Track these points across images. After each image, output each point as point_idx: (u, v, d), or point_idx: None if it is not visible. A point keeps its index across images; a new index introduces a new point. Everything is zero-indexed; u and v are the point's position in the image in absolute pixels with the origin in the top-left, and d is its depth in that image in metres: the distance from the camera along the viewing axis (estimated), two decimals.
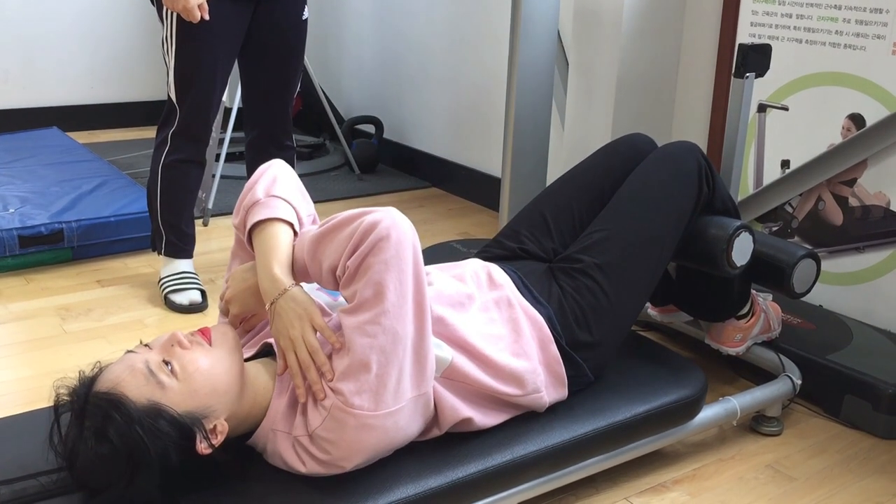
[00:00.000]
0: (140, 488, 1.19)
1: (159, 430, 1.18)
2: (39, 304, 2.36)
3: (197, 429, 1.21)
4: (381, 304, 1.22)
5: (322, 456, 1.27)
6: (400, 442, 1.34)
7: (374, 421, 1.24)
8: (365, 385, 1.23)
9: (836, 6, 2.17)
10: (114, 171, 3.16)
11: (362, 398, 1.23)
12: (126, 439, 1.16)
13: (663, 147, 1.78)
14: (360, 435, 1.25)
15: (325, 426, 1.25)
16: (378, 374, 1.23)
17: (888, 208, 2.14)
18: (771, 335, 1.97)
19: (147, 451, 1.17)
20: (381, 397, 1.24)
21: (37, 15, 4.07)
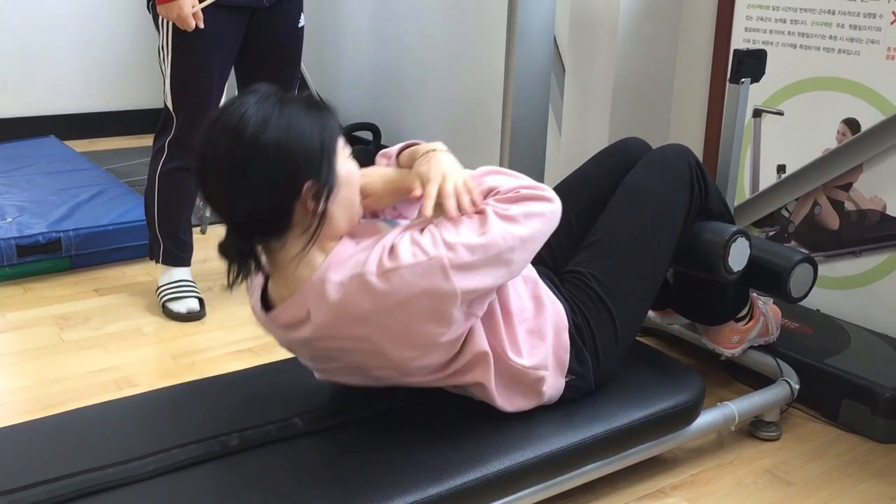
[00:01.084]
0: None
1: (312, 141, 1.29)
2: (37, 313, 2.36)
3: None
4: (533, 220, 1.36)
5: (380, 286, 1.28)
6: (431, 321, 1.33)
7: (445, 269, 1.29)
8: (467, 252, 1.30)
9: (829, 11, 2.18)
10: (111, 180, 3.16)
11: (453, 261, 1.29)
12: (300, 122, 1.29)
13: (654, 151, 1.79)
14: (421, 275, 1.28)
15: (405, 250, 1.29)
16: (481, 246, 1.31)
17: (884, 212, 2.14)
18: (769, 339, 1.98)
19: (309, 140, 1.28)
20: (468, 264, 1.31)
21: (34, 24, 4.08)
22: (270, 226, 1.31)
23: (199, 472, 1.37)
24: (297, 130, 1.28)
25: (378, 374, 1.45)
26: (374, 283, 1.29)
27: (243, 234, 1.31)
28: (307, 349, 1.44)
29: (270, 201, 1.28)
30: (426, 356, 1.38)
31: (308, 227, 1.32)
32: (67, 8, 4.14)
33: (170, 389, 1.69)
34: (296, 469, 1.38)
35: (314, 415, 1.51)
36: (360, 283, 1.30)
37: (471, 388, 1.50)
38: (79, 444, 1.44)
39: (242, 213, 1.29)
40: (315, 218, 1.31)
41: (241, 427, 1.47)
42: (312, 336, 1.37)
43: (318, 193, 1.29)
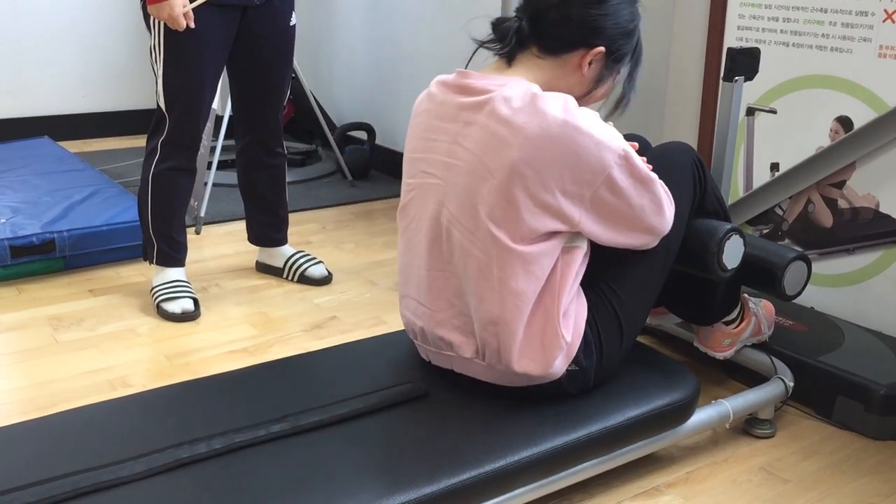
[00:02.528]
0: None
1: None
2: (31, 314, 2.35)
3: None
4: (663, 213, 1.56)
5: (578, 113, 1.44)
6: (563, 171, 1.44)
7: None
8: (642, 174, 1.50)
9: (821, 9, 2.18)
10: (105, 180, 3.16)
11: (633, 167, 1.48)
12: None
13: (657, 148, 1.79)
14: (606, 132, 1.45)
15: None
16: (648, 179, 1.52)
17: (877, 210, 2.15)
18: (762, 338, 1.98)
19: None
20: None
21: (27, 24, 4.07)
22: (551, 45, 1.50)
23: (194, 471, 1.37)
24: (633, 21, 1.56)
25: (460, 202, 1.50)
26: (575, 109, 1.43)
27: (530, 30, 1.50)
28: (449, 119, 1.53)
29: (571, 34, 1.50)
30: (512, 208, 1.44)
31: (561, 73, 1.52)
32: (61, 9, 4.13)
33: (164, 390, 1.69)
34: (290, 469, 1.38)
35: (308, 415, 1.51)
36: (566, 101, 1.44)
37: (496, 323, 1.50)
38: (73, 445, 1.44)
39: (546, 20, 1.49)
40: (573, 74, 1.52)
41: (235, 427, 1.47)
42: (477, 103, 1.48)
43: (593, 64, 1.52)
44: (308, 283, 2.59)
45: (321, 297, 2.50)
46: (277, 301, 2.48)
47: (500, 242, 1.45)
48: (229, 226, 3.08)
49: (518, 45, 1.52)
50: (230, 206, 3.22)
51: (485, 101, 1.47)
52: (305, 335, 2.27)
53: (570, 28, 1.49)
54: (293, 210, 3.17)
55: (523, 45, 1.52)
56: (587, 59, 1.51)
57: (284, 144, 2.57)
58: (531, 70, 1.52)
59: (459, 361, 1.59)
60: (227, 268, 2.72)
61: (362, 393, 1.59)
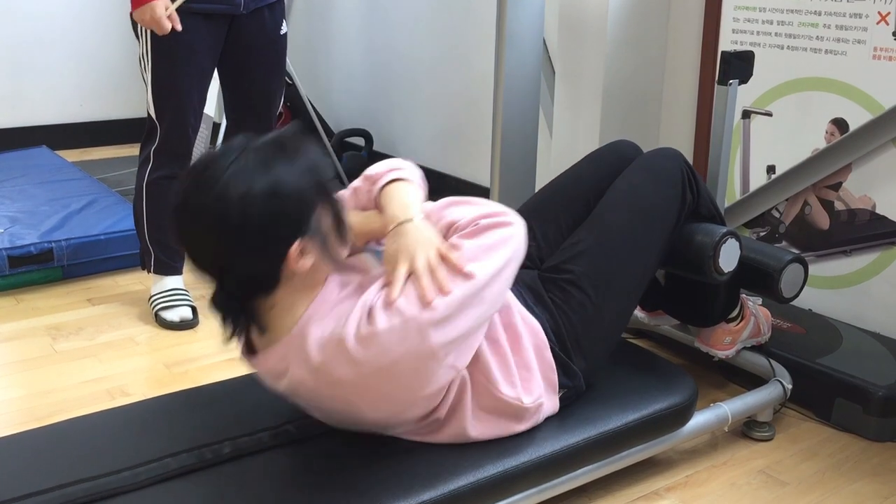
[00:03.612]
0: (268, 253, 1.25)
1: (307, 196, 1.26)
2: (30, 323, 2.35)
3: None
4: (499, 251, 1.34)
5: (358, 354, 1.26)
6: (411, 382, 1.32)
7: (428, 338, 1.27)
8: (442, 305, 1.28)
9: (816, 12, 2.19)
10: (103, 189, 3.16)
11: (436, 320, 1.27)
12: (286, 178, 1.24)
13: (646, 154, 1.79)
14: (399, 340, 1.26)
15: (382, 316, 1.26)
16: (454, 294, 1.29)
17: (874, 211, 2.15)
18: (761, 339, 1.98)
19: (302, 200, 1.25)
20: (449, 337, 1.29)
21: (25, 34, 4.07)
22: (258, 288, 1.29)
23: (192, 481, 1.37)
24: (281, 195, 1.23)
25: (359, 426, 1.45)
26: (353, 350, 1.26)
27: (231, 295, 1.29)
28: (290, 397, 1.43)
29: (258, 268, 1.27)
30: (405, 412, 1.38)
31: (294, 280, 1.29)
32: (59, 18, 4.14)
33: (163, 398, 1.69)
34: (289, 477, 1.38)
35: (307, 422, 1.51)
36: (339, 348, 1.27)
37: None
38: (72, 455, 1.44)
39: (230, 281, 1.27)
40: (303, 273, 1.29)
41: (233, 435, 1.47)
42: (290, 389, 1.38)
43: (306, 250, 1.27)
44: None
45: None
46: None
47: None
48: None
49: (249, 314, 1.32)
50: None
51: (293, 388, 1.38)
52: None
53: (260, 259, 1.26)
54: None
55: (250, 306, 1.32)
56: (295, 258, 1.26)
57: None
58: (279, 313, 1.32)
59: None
60: None
61: None
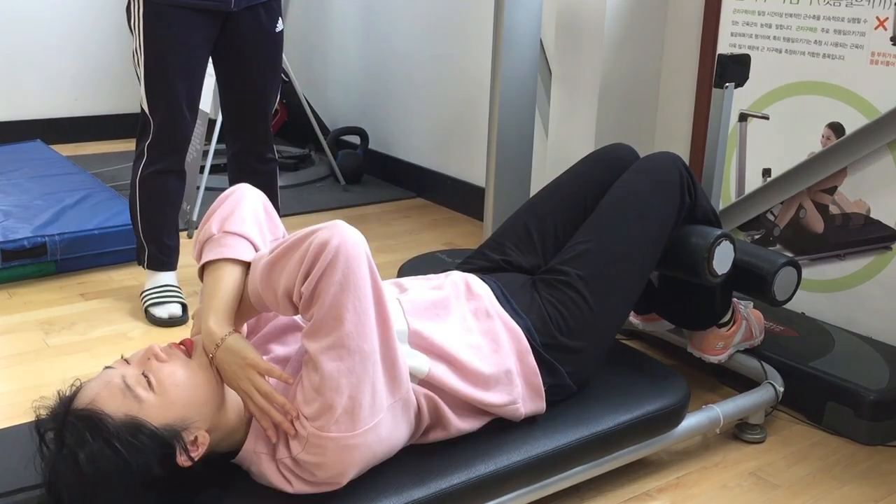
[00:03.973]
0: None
1: (139, 443, 1.17)
2: (22, 318, 2.35)
3: (176, 441, 1.21)
4: (341, 327, 1.20)
5: (309, 478, 1.27)
6: (387, 451, 1.34)
7: (354, 441, 1.24)
8: (339, 409, 1.22)
9: (814, 16, 2.19)
10: (97, 184, 3.15)
11: (339, 423, 1.22)
12: (105, 457, 1.15)
13: (645, 158, 1.79)
14: (343, 455, 1.24)
15: (306, 451, 1.24)
16: (351, 396, 1.22)
17: (868, 216, 2.16)
18: (753, 343, 1.98)
19: (128, 466, 1.16)
20: (357, 416, 1.23)
21: (20, 28, 4.06)
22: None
23: None
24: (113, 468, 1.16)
25: None
26: (309, 475, 1.26)
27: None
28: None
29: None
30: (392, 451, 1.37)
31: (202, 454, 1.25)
32: (54, 12, 4.13)
33: None
34: None
35: None
36: (292, 467, 1.27)
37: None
38: None
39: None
40: (203, 449, 1.24)
41: None
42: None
43: (181, 459, 1.21)
44: None
45: None
46: None
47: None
48: None
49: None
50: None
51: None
52: None
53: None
54: (286, 214, 3.16)
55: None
56: (183, 463, 1.22)
57: (276, 149, 2.57)
58: (223, 443, 1.31)
59: None
60: None
61: None
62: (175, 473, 1.22)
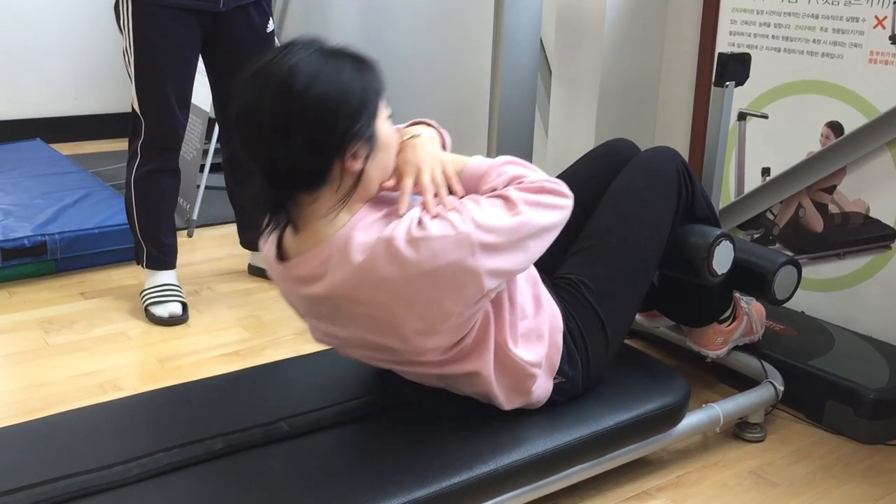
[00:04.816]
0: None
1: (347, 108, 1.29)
2: (22, 317, 2.35)
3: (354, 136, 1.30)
4: (553, 212, 1.38)
5: (408, 253, 1.28)
6: (450, 293, 1.32)
7: (466, 248, 1.28)
8: (482, 230, 1.30)
9: (813, 15, 2.19)
10: (97, 183, 3.15)
11: (475, 234, 1.29)
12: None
13: (642, 154, 1.79)
14: (447, 247, 1.28)
15: (431, 222, 1.29)
16: (494, 231, 1.30)
17: (867, 215, 2.16)
18: (753, 338, 1.98)
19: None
20: (489, 246, 1.30)
21: (20, 27, 4.06)
22: (308, 180, 1.31)
23: (184, 476, 1.37)
24: (346, 87, 1.29)
25: (380, 350, 1.45)
26: (402, 250, 1.28)
27: (278, 186, 1.31)
28: (315, 307, 1.43)
29: (312, 157, 1.29)
30: (435, 335, 1.38)
31: (341, 185, 1.32)
32: (53, 11, 4.13)
33: (155, 393, 1.69)
34: (281, 473, 1.38)
35: (299, 418, 1.51)
36: (388, 248, 1.29)
37: (467, 381, 1.49)
38: (63, 449, 1.44)
39: (282, 166, 1.29)
40: (351, 177, 1.32)
41: (226, 430, 1.47)
42: (325, 294, 1.37)
43: (359, 153, 1.31)
44: None
45: None
46: (269, 304, 2.48)
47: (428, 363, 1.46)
48: (222, 229, 3.07)
49: (292, 210, 1.34)
50: (222, 208, 3.21)
51: (327, 293, 1.36)
52: (297, 338, 2.26)
53: (314, 148, 1.28)
54: None
55: (293, 201, 1.33)
56: (348, 160, 1.31)
57: None
58: (323, 215, 1.34)
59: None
60: (219, 271, 2.72)
61: (353, 397, 1.59)
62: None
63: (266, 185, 1.31)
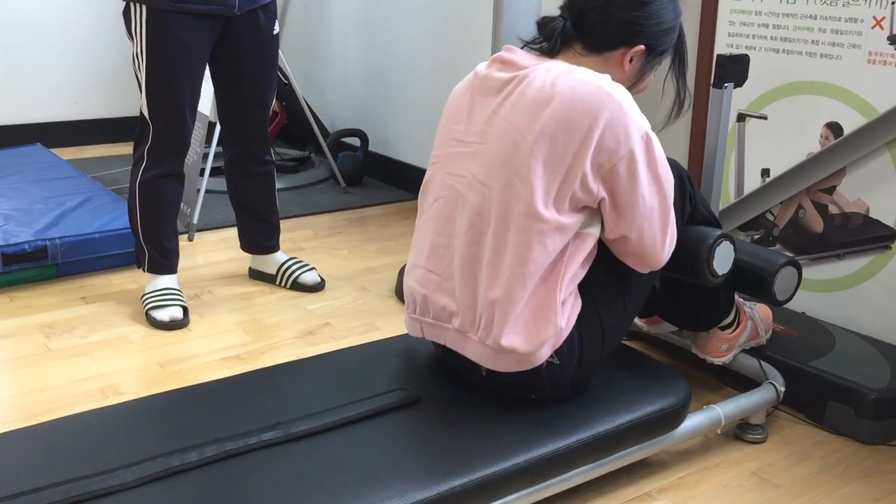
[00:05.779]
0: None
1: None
2: (23, 321, 2.35)
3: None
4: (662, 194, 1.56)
5: (614, 88, 1.49)
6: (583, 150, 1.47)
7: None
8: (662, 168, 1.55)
9: (811, 16, 2.19)
10: (98, 187, 3.15)
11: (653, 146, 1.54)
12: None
13: None
14: (634, 120, 1.50)
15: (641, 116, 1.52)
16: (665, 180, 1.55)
17: (867, 215, 2.16)
18: (760, 341, 1.98)
19: None
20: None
21: (20, 31, 4.07)
22: (593, 42, 1.56)
23: (185, 480, 1.37)
24: (673, 19, 1.60)
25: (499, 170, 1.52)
26: (612, 84, 1.49)
27: (574, 27, 1.56)
28: (492, 93, 1.57)
29: (616, 33, 1.55)
30: (552, 165, 1.47)
31: (604, 67, 1.56)
32: (53, 16, 4.13)
33: (156, 397, 1.69)
34: (281, 476, 1.38)
35: (300, 422, 1.51)
36: (600, 87, 1.47)
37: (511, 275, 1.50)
38: (64, 453, 1.44)
39: (591, 19, 1.55)
40: (617, 68, 1.57)
41: (226, 435, 1.47)
42: (522, 75, 1.53)
43: (636, 60, 1.58)
44: (301, 290, 2.59)
45: (314, 304, 2.50)
46: (270, 308, 2.48)
47: (523, 203, 1.47)
48: (222, 232, 3.08)
49: (562, 43, 1.58)
50: (223, 212, 3.21)
51: (526, 75, 1.53)
52: (298, 342, 2.27)
53: (613, 29, 1.55)
54: (286, 216, 3.17)
55: (567, 44, 1.59)
56: (628, 56, 1.57)
57: (273, 151, 2.58)
58: (573, 63, 1.57)
59: (453, 335, 1.59)
60: (219, 274, 2.72)
61: (354, 400, 1.59)
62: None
63: (566, 20, 1.57)
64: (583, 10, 1.56)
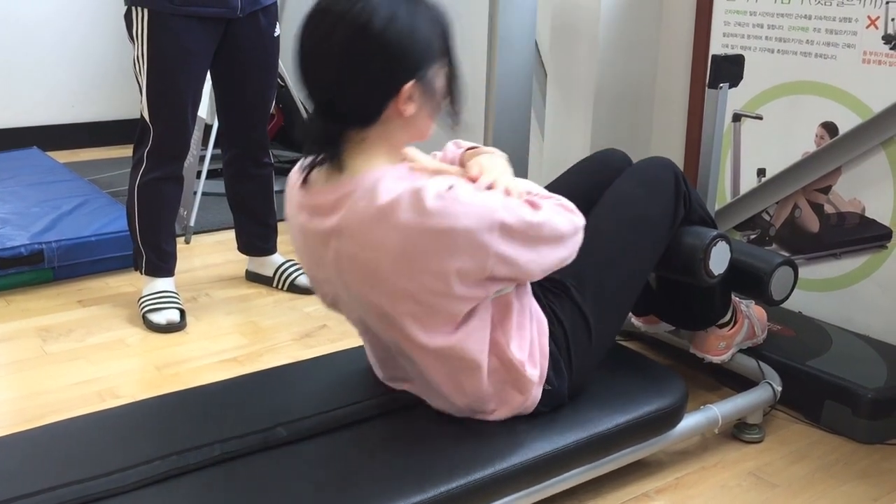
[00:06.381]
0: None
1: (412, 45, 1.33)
2: (19, 325, 2.35)
3: (419, 72, 1.34)
4: (570, 226, 1.43)
5: (432, 204, 1.29)
6: (455, 261, 1.33)
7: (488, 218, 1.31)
8: (520, 220, 1.34)
9: (806, 16, 2.20)
10: (94, 191, 3.15)
11: (512, 216, 1.33)
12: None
13: (639, 163, 1.79)
14: (473, 215, 1.30)
15: (467, 190, 1.32)
16: (533, 224, 1.35)
17: (863, 215, 2.16)
18: (756, 341, 1.99)
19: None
20: (524, 218, 1.34)
21: (16, 34, 4.06)
22: (363, 116, 1.35)
23: (183, 483, 1.37)
24: (420, 33, 1.33)
25: (370, 311, 1.43)
26: (428, 200, 1.30)
27: (334, 119, 1.35)
28: (320, 246, 1.43)
29: (373, 94, 1.32)
30: (419, 304, 1.36)
31: (390, 127, 1.36)
32: (50, 19, 4.13)
33: (154, 400, 1.68)
34: (279, 478, 1.38)
35: (298, 424, 1.51)
36: (414, 196, 1.30)
37: (462, 375, 1.46)
38: (62, 457, 1.44)
39: (341, 100, 1.33)
40: (401, 121, 1.36)
41: (224, 437, 1.47)
42: (335, 228, 1.38)
43: (414, 98, 1.34)
44: (298, 292, 2.59)
45: (311, 306, 2.50)
46: (267, 310, 2.48)
47: (406, 337, 1.42)
48: (219, 235, 3.08)
49: (338, 143, 1.37)
50: (220, 215, 3.21)
51: (338, 227, 1.37)
52: (295, 344, 2.27)
53: (375, 86, 1.32)
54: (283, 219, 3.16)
55: (342, 136, 1.37)
56: (401, 102, 1.34)
57: (272, 154, 2.58)
58: (363, 153, 1.37)
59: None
60: (216, 277, 2.72)
61: (351, 402, 1.59)
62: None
63: (320, 118, 1.36)
64: (329, 98, 1.34)
